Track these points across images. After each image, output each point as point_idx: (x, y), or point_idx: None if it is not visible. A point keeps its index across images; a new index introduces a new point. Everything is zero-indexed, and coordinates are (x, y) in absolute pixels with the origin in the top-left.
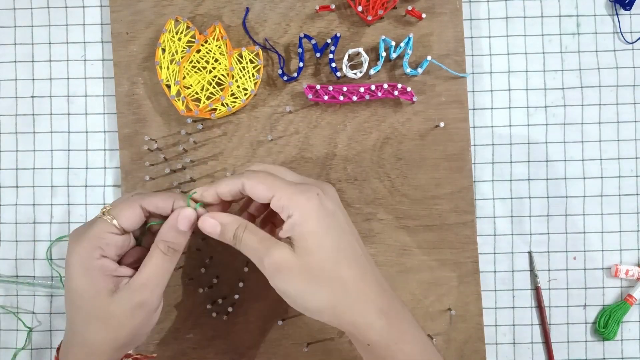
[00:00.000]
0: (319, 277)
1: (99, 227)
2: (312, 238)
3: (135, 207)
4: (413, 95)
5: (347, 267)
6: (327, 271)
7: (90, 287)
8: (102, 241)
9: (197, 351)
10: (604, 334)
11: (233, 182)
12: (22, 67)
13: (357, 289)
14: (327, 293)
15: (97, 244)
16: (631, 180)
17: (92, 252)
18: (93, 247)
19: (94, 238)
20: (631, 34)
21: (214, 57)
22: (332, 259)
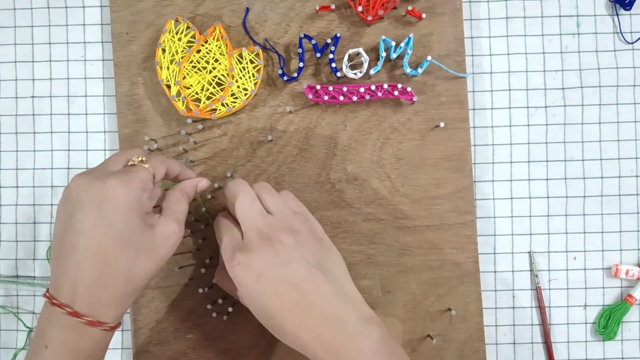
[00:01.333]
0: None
1: (145, 173)
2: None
3: (164, 165)
4: (413, 95)
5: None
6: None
7: (140, 223)
8: (147, 186)
9: (197, 351)
10: (604, 334)
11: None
12: (22, 67)
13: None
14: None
15: (145, 187)
16: (631, 180)
17: (142, 193)
18: (143, 189)
19: (142, 182)
20: (631, 34)
21: (214, 57)
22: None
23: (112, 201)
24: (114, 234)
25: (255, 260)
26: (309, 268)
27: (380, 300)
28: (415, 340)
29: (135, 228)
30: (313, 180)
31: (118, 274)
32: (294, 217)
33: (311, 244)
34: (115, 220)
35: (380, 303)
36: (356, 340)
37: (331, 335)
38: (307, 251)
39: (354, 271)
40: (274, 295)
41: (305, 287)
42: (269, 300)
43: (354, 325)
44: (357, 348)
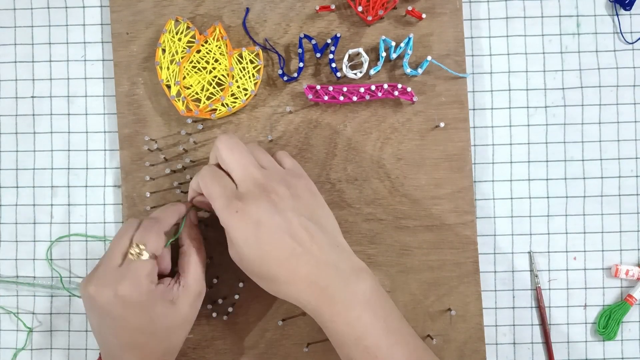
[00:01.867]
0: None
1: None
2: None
3: (161, 234)
4: (413, 95)
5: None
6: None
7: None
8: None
9: (197, 351)
10: (604, 334)
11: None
12: (22, 68)
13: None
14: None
15: (152, 279)
16: (631, 180)
17: (151, 285)
18: (151, 282)
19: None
20: (631, 34)
21: (214, 58)
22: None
23: (130, 307)
24: (142, 330)
25: (253, 209)
26: (304, 218)
27: None
28: None
29: (158, 317)
30: (313, 180)
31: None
32: (287, 172)
33: (305, 198)
34: (137, 320)
35: None
36: (349, 286)
37: (325, 282)
38: (301, 204)
39: None
40: (271, 244)
41: (300, 236)
42: (265, 248)
43: (347, 272)
44: (350, 293)
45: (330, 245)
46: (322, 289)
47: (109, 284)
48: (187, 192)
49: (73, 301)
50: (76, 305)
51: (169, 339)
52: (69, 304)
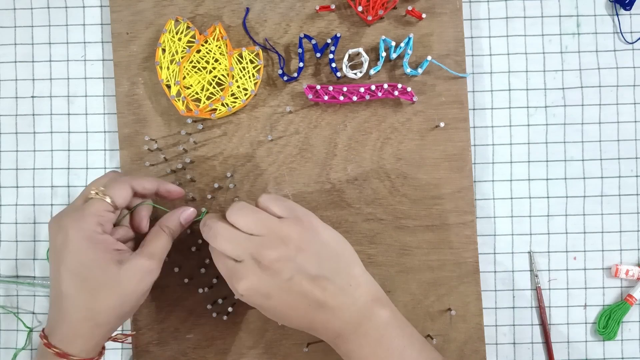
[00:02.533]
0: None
1: (98, 205)
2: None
3: (127, 187)
4: (413, 95)
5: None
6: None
7: (99, 258)
8: (102, 218)
9: (197, 351)
10: (604, 334)
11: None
12: (22, 67)
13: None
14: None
15: (99, 221)
16: (631, 180)
17: (96, 227)
18: (96, 224)
19: (95, 215)
20: (631, 34)
21: (214, 57)
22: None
23: (67, 241)
24: (70, 272)
25: (257, 285)
26: (311, 274)
27: None
28: None
29: (92, 264)
30: (313, 180)
31: (76, 309)
32: (280, 225)
33: (309, 246)
34: (70, 259)
35: None
36: (363, 324)
37: (340, 324)
38: (304, 257)
39: None
40: (287, 308)
41: (312, 293)
42: (282, 312)
43: (361, 310)
44: (364, 331)
45: (344, 286)
46: (336, 331)
47: (59, 217)
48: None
49: None
50: None
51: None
52: None
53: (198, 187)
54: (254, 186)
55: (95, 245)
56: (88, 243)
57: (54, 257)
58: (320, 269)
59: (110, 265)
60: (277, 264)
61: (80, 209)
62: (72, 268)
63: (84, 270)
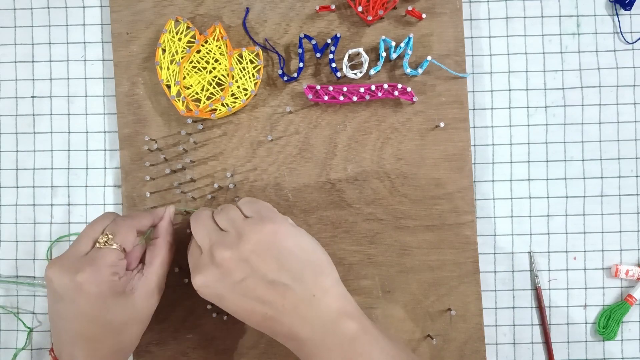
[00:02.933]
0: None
1: (111, 256)
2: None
3: (134, 231)
4: (413, 95)
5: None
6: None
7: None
8: (117, 268)
9: (197, 351)
10: (604, 334)
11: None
12: (22, 68)
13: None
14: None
15: (114, 271)
16: (631, 180)
17: (113, 277)
18: (112, 274)
19: (110, 266)
20: (631, 34)
21: (214, 58)
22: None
23: (85, 295)
24: (95, 321)
25: (211, 282)
26: (268, 279)
27: (380, 300)
28: (415, 340)
29: (112, 309)
30: (313, 180)
31: (108, 345)
32: (242, 225)
33: (267, 251)
34: (91, 309)
35: (380, 303)
36: (327, 338)
37: (302, 335)
38: (263, 260)
39: (353, 271)
40: (241, 312)
41: (269, 299)
42: (239, 315)
43: (326, 323)
44: (327, 346)
45: (307, 296)
46: (301, 343)
47: (70, 269)
48: (187, 192)
49: None
50: None
51: (122, 334)
52: None
53: (198, 187)
54: (254, 186)
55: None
56: (108, 291)
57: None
58: (279, 275)
59: (128, 300)
60: (229, 263)
61: (94, 263)
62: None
63: (108, 314)
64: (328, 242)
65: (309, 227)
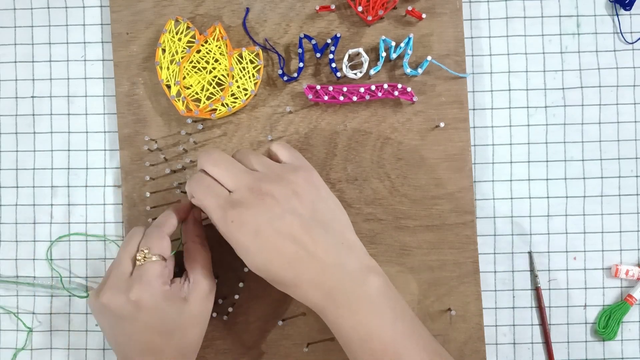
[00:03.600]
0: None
1: (156, 268)
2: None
3: (166, 237)
4: (413, 95)
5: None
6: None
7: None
8: (164, 278)
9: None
10: (604, 334)
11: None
12: (22, 68)
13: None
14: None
15: (164, 281)
16: (631, 180)
17: (164, 287)
18: (163, 284)
19: (159, 277)
20: (631, 34)
21: (214, 58)
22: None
23: (144, 309)
24: (158, 331)
25: (250, 217)
26: (305, 219)
27: None
28: None
29: (172, 317)
30: None
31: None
32: (283, 168)
33: (306, 194)
34: (152, 321)
35: None
36: (355, 288)
37: (329, 284)
38: (301, 202)
39: None
40: (273, 250)
41: (303, 239)
42: (268, 255)
43: (353, 273)
44: (355, 295)
45: (336, 244)
46: (327, 291)
47: (121, 290)
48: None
49: (73, 301)
50: (76, 305)
51: (184, 338)
52: (69, 304)
53: None
54: None
55: (169, 300)
56: (164, 302)
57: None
58: (314, 219)
59: (184, 307)
60: (271, 198)
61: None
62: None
63: (168, 324)
64: None
65: None
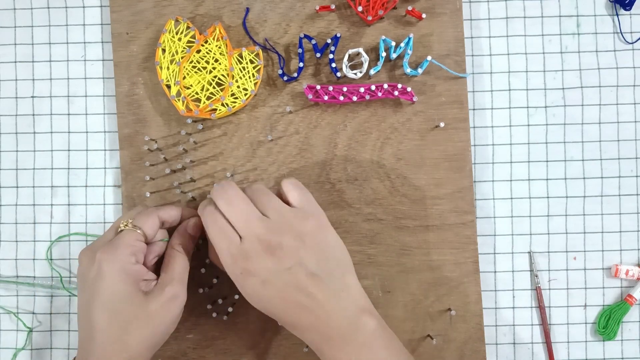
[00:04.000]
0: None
1: (130, 236)
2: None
3: (155, 217)
4: (413, 95)
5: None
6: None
7: (130, 291)
8: (134, 248)
9: (197, 351)
10: (604, 334)
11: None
12: (22, 67)
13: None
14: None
15: (132, 251)
16: (631, 180)
17: (129, 258)
18: (129, 254)
19: (128, 246)
20: (631, 34)
21: (214, 58)
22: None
23: (101, 274)
24: (103, 306)
25: (258, 268)
26: (311, 269)
27: (380, 300)
28: (415, 340)
29: (124, 298)
30: (313, 180)
31: (109, 342)
32: (294, 215)
33: (314, 242)
34: (103, 292)
35: (380, 303)
36: (351, 331)
37: (328, 327)
38: (307, 252)
39: None
40: (279, 299)
41: (307, 289)
42: (274, 303)
43: (349, 317)
44: (351, 338)
45: (336, 290)
46: (324, 334)
47: (93, 249)
48: (187, 192)
49: (73, 301)
50: (76, 305)
51: (124, 334)
52: (69, 303)
53: (198, 187)
54: None
55: (127, 276)
56: (121, 275)
57: (85, 289)
58: (319, 268)
59: (140, 296)
60: (280, 251)
61: (113, 241)
62: (105, 301)
63: (117, 303)
64: None
65: None
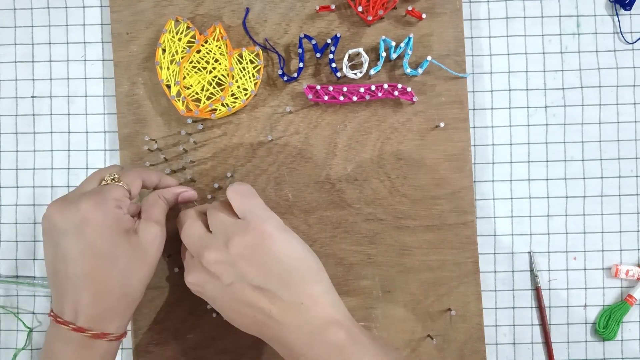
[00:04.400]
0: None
1: (117, 191)
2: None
3: (139, 177)
4: (413, 95)
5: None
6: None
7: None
8: (121, 202)
9: (197, 351)
10: (604, 334)
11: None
12: (22, 68)
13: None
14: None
15: (119, 205)
16: (631, 180)
17: (118, 210)
18: (118, 206)
19: (115, 199)
20: (631, 34)
21: (214, 58)
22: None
23: (91, 224)
24: (101, 254)
25: (205, 287)
26: (256, 283)
27: (380, 300)
28: (415, 340)
29: (119, 242)
30: (313, 180)
31: (114, 288)
32: (233, 228)
33: (254, 256)
34: (98, 241)
35: (380, 303)
36: (315, 345)
37: (290, 341)
38: (251, 265)
39: (353, 271)
40: (233, 313)
41: (257, 304)
42: (232, 318)
43: (313, 331)
44: (317, 352)
45: (294, 303)
46: (289, 348)
47: (73, 201)
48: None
49: None
50: None
51: (129, 270)
52: None
53: (198, 187)
54: (254, 186)
55: (120, 224)
56: (115, 222)
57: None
58: (266, 281)
59: (133, 238)
60: (215, 267)
61: (100, 192)
62: (101, 250)
63: (115, 249)
64: (328, 242)
65: (309, 227)
